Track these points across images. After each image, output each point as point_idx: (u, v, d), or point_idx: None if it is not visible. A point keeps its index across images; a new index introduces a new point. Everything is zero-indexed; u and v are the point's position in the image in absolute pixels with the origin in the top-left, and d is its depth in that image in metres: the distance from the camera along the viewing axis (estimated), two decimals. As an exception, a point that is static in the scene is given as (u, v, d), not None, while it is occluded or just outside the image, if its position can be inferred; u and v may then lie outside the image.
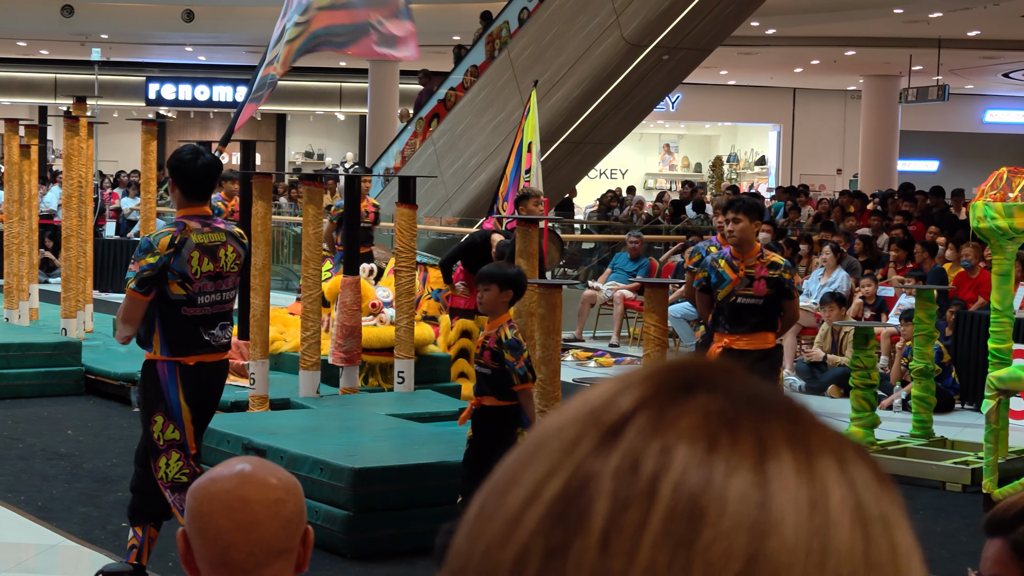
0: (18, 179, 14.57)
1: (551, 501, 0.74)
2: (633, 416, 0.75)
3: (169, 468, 6.69)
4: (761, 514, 0.72)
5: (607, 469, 0.73)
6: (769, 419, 0.76)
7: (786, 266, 8.77)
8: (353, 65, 33.82)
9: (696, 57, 20.76)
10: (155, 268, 6.54)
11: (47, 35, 30.00)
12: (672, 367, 0.78)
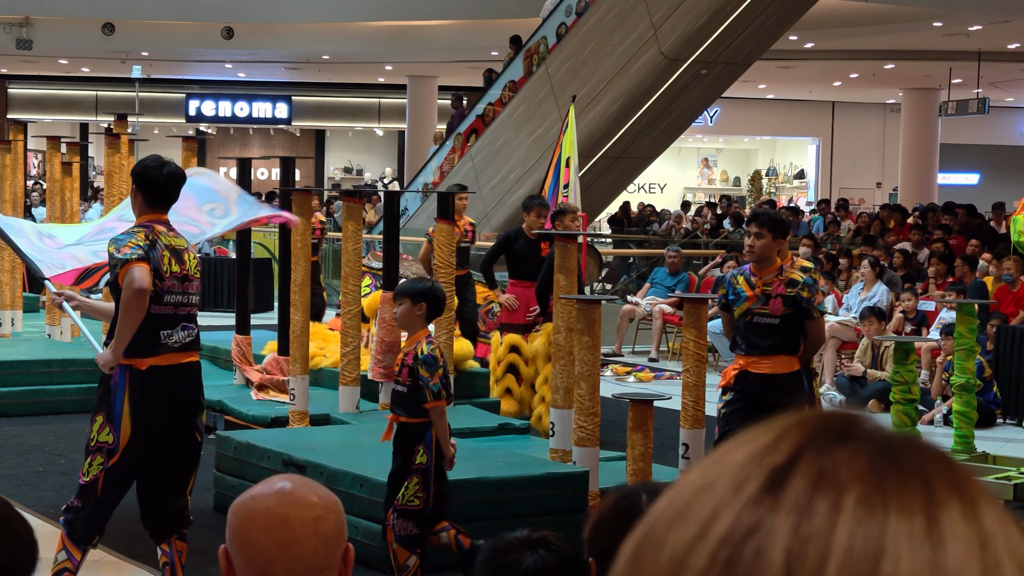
0: (60, 196, 14.67)
1: (719, 541, 0.76)
2: (797, 460, 0.77)
3: (91, 469, 6.61)
4: (936, 565, 0.74)
5: (779, 520, 0.75)
6: (927, 464, 0.78)
7: (805, 283, 8.18)
8: (392, 81, 33.94)
9: (734, 71, 20.74)
10: (143, 248, 6.52)
11: (88, 53, 30.22)
12: (823, 415, 0.82)
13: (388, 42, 28.73)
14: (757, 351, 8.16)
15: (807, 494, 0.75)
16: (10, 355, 12.67)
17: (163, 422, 6.62)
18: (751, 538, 0.74)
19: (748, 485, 0.77)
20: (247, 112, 36.73)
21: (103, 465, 6.60)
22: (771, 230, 8.12)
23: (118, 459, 6.59)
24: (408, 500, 6.96)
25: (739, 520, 0.75)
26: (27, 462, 10.41)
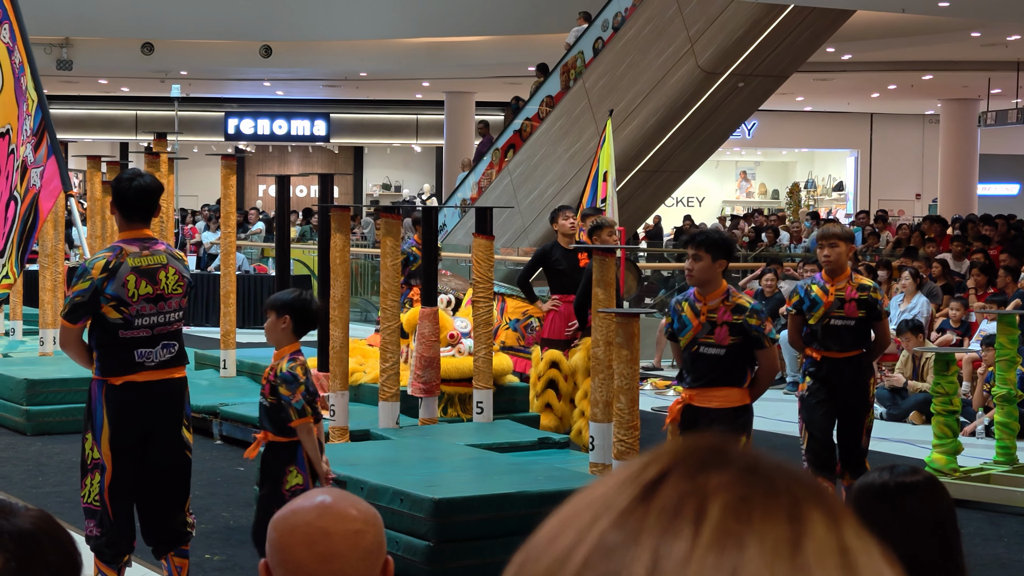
0: (100, 215, 14.76)
1: (601, 535, 0.81)
2: (668, 474, 0.82)
3: (92, 489, 6.63)
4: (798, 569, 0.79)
5: (651, 516, 0.80)
6: (793, 480, 0.84)
7: (753, 310, 7.57)
8: (429, 97, 34.03)
9: (772, 84, 20.72)
10: (86, 294, 6.52)
11: (128, 72, 30.43)
12: (694, 441, 0.86)
13: (425, 59, 28.81)
14: (700, 383, 7.57)
15: (676, 500, 0.80)
16: (53, 373, 12.75)
17: (142, 437, 6.56)
18: (619, 549, 0.80)
19: (625, 493, 0.82)
20: (285, 130, 36.89)
21: (101, 484, 6.61)
22: (709, 251, 7.48)
23: (112, 475, 6.61)
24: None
25: (609, 531, 0.80)
26: (70, 479, 10.46)
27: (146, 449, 6.60)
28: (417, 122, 37.20)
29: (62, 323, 6.60)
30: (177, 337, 6.73)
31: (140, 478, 6.66)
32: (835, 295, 8.69)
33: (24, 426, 12.37)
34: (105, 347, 6.59)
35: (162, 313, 6.64)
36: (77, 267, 6.75)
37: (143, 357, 6.59)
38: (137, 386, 6.55)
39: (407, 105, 36.45)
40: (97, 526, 6.62)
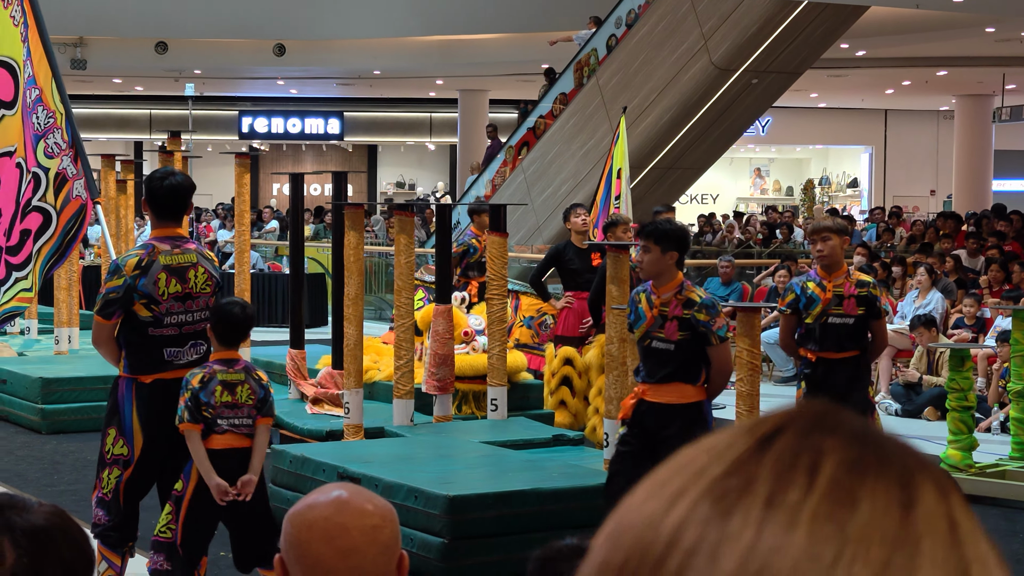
0: (115, 214, 14.79)
1: (712, 480, 0.81)
2: (782, 431, 0.83)
3: (108, 482, 6.64)
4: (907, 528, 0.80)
5: (766, 464, 0.81)
6: (904, 448, 0.85)
7: (703, 305, 7.25)
8: (443, 95, 34.04)
9: (786, 80, 20.69)
10: (120, 290, 6.56)
11: (142, 72, 30.47)
12: (806, 404, 0.87)
13: (439, 56, 28.82)
14: (653, 378, 7.30)
15: (791, 453, 0.81)
16: (68, 372, 12.78)
17: (172, 432, 6.54)
18: (732, 493, 0.80)
19: (734, 449, 0.83)
20: (299, 128, 36.92)
21: (119, 477, 6.63)
22: (659, 243, 7.22)
23: (133, 469, 6.63)
24: (159, 530, 6.54)
25: (722, 477, 0.81)
26: (85, 478, 10.48)
27: (175, 442, 6.56)
28: (431, 120, 37.20)
29: (95, 319, 6.63)
30: (204, 336, 6.74)
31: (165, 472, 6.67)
32: (833, 291, 8.50)
33: (39, 424, 12.40)
34: (134, 345, 6.62)
35: (190, 312, 6.67)
36: (92, 266, 6.75)
37: (172, 356, 6.63)
38: (168, 383, 6.57)
39: (421, 103, 36.46)
40: (106, 515, 6.65)
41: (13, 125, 8.14)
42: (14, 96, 8.20)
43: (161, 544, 6.50)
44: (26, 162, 8.06)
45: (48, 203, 8.05)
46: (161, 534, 6.50)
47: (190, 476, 6.41)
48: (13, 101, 8.20)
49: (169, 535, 6.47)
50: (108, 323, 6.60)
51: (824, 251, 8.49)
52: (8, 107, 8.19)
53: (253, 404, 6.44)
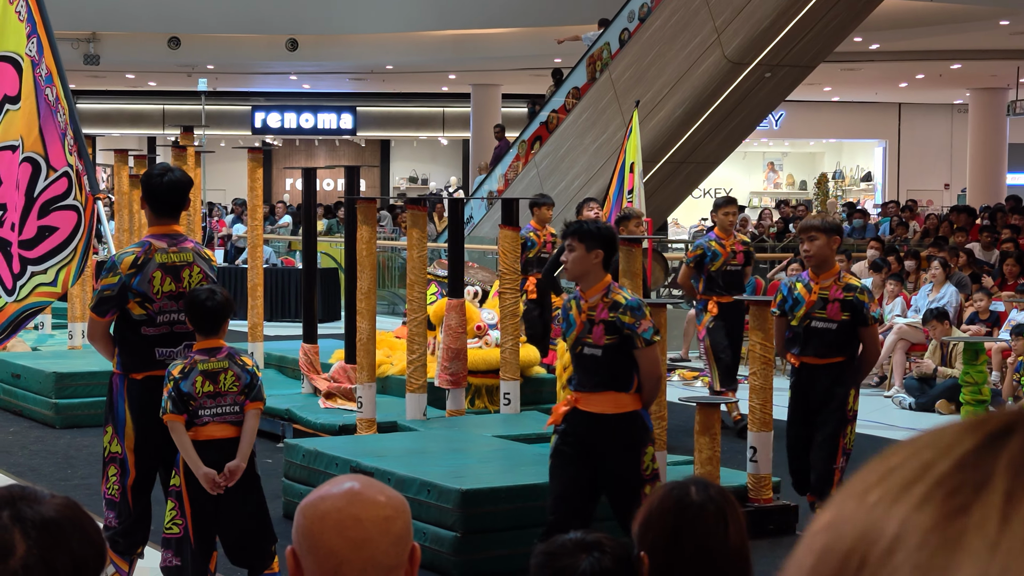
0: (128, 209, 14.80)
1: (941, 476, 0.78)
2: (1015, 429, 0.80)
3: (111, 481, 6.65)
4: None
5: (1001, 461, 0.78)
6: None
7: (628, 306, 6.76)
8: (455, 90, 34.03)
9: (799, 74, 20.65)
10: (114, 288, 6.55)
11: (155, 67, 30.49)
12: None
13: (451, 51, 28.81)
14: (585, 387, 6.84)
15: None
16: (82, 366, 12.80)
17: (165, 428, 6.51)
18: (976, 471, 0.77)
19: (962, 444, 0.79)
20: (312, 123, 36.93)
21: (118, 477, 6.62)
22: (582, 241, 6.75)
23: (134, 470, 6.62)
24: (166, 526, 6.50)
25: (950, 472, 0.78)
26: (99, 472, 10.48)
27: (166, 446, 6.55)
28: (443, 115, 37.19)
29: (90, 316, 6.63)
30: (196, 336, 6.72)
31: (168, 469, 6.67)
32: (818, 294, 8.05)
33: (53, 419, 12.42)
34: (127, 343, 6.61)
35: (182, 311, 6.62)
36: (106, 261, 6.75)
37: (163, 355, 6.61)
38: (159, 381, 6.53)
39: (433, 98, 36.45)
40: (116, 517, 6.64)
41: (17, 120, 8.15)
42: (18, 91, 8.20)
43: (169, 540, 6.48)
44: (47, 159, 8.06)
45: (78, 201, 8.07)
46: (168, 530, 6.48)
47: (181, 469, 6.39)
48: (17, 96, 8.20)
49: (176, 530, 6.44)
50: (102, 321, 6.61)
51: (810, 251, 8.06)
52: (12, 102, 8.20)
53: (239, 390, 6.38)
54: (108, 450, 6.66)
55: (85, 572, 2.00)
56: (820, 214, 7.03)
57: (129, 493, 6.61)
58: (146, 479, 6.68)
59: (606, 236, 6.82)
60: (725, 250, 12.11)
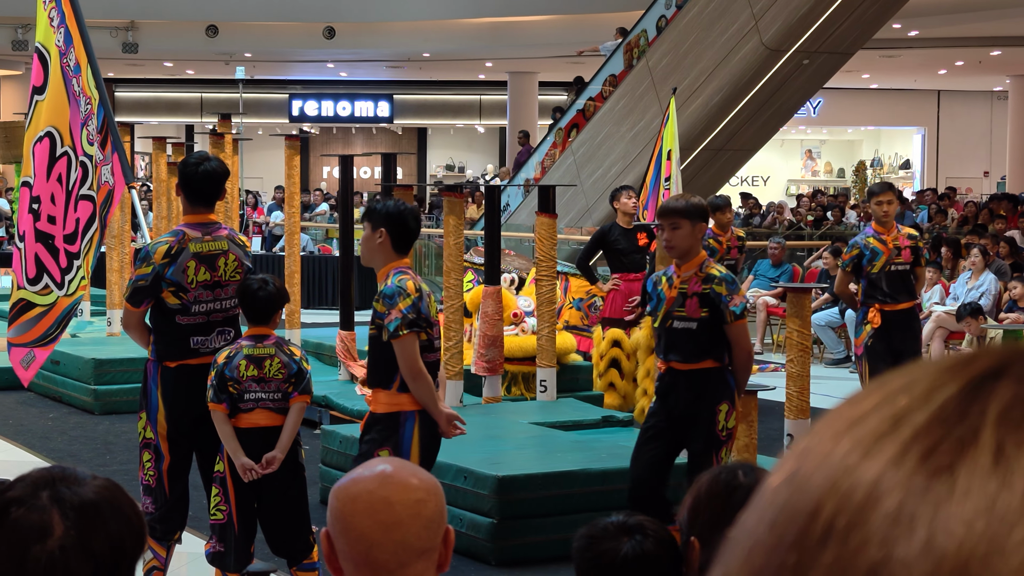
0: (166, 197, 14.86)
1: (916, 431, 0.67)
2: (1002, 373, 0.68)
3: (147, 467, 6.67)
4: None
5: (989, 413, 0.66)
6: None
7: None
8: (492, 78, 34.01)
9: (837, 61, 20.55)
10: (148, 278, 6.55)
11: (193, 55, 30.59)
12: None
13: (488, 38, 28.80)
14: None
15: (1019, 401, 0.66)
16: (119, 353, 12.86)
17: (196, 420, 6.56)
18: (944, 445, 0.66)
19: (940, 392, 0.68)
20: (349, 111, 36.98)
21: (152, 463, 6.65)
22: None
23: (169, 455, 6.64)
24: (211, 512, 6.57)
25: (927, 426, 0.67)
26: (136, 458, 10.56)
27: (199, 433, 6.60)
28: (480, 102, 37.19)
29: (125, 305, 6.66)
30: (233, 324, 6.74)
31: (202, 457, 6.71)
32: (679, 288, 7.10)
33: (92, 405, 12.49)
34: (161, 332, 6.63)
35: (219, 300, 6.65)
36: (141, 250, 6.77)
37: (198, 344, 6.62)
38: (192, 369, 6.57)
39: (470, 85, 36.45)
40: (152, 503, 6.67)
41: (43, 110, 8.19)
42: (43, 81, 8.24)
43: (214, 526, 6.52)
44: (75, 151, 8.11)
45: (93, 191, 8.10)
46: (213, 516, 6.51)
47: (224, 455, 6.42)
48: (43, 87, 8.24)
49: (220, 516, 6.47)
50: (137, 310, 6.62)
51: (671, 240, 7.09)
52: (39, 92, 8.24)
53: (283, 378, 6.39)
54: (142, 436, 6.69)
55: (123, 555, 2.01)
56: (683, 196, 6.04)
57: (165, 478, 6.64)
58: (181, 464, 6.71)
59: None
60: (887, 247, 10.28)
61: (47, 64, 8.24)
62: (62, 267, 8.00)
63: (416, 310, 6.07)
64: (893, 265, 10.17)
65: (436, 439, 6.38)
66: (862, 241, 10.34)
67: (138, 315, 6.63)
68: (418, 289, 6.09)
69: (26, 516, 1.98)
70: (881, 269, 10.17)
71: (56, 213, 8.02)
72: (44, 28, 8.33)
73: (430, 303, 6.21)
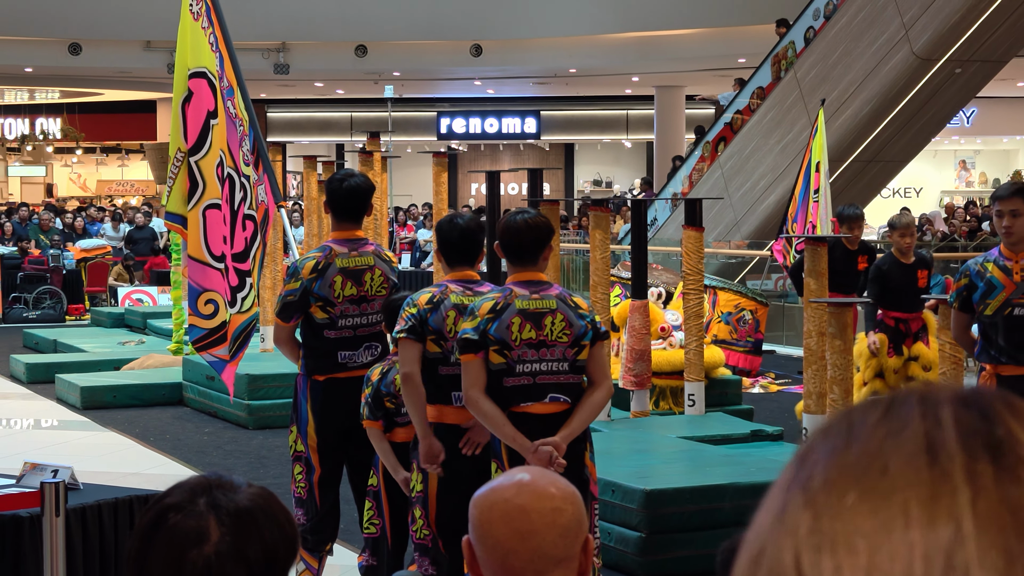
0: (317, 213, 15.07)
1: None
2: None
3: (299, 479, 6.73)
4: None
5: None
6: None
7: None
8: (639, 92, 33.98)
9: (990, 69, 20.21)
10: (297, 294, 6.62)
11: (342, 75, 31.00)
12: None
13: (634, 53, 28.78)
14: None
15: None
16: (274, 368, 13.05)
17: (345, 433, 6.61)
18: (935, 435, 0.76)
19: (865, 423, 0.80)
20: (496, 128, 37.18)
21: (304, 475, 6.73)
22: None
23: (319, 467, 6.70)
24: (365, 526, 6.59)
25: None
26: (289, 470, 10.71)
27: (349, 445, 6.67)
28: (627, 117, 37.16)
29: (276, 321, 6.77)
30: (380, 339, 6.79)
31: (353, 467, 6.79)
32: (1022, 276, 6.92)
33: (246, 420, 12.70)
34: (310, 347, 6.72)
35: (365, 315, 6.71)
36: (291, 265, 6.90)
37: (346, 359, 6.69)
38: (340, 382, 6.65)
39: (617, 100, 36.44)
40: (304, 515, 6.76)
41: (217, 134, 8.37)
42: (215, 106, 8.42)
43: (367, 540, 6.56)
44: (236, 172, 8.28)
45: (254, 210, 8.27)
46: (366, 530, 6.55)
47: (379, 470, 6.45)
48: (215, 111, 8.42)
49: (373, 530, 6.51)
50: (287, 325, 6.72)
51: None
52: (213, 116, 8.42)
53: None
54: (294, 449, 6.79)
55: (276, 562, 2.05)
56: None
57: (316, 489, 6.72)
58: (332, 475, 6.79)
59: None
60: (1011, 279, 7.11)
61: (215, 88, 8.43)
62: (232, 285, 8.17)
63: (420, 319, 5.93)
64: (1016, 307, 7.10)
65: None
66: (975, 267, 7.25)
67: (288, 330, 6.74)
68: (431, 301, 5.95)
69: (183, 522, 2.02)
70: (997, 311, 7.10)
71: (227, 233, 8.20)
72: (206, 53, 8.51)
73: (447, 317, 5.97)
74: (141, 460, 11.34)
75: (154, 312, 19.07)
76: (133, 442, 12.08)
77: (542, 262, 5.75)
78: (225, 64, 8.47)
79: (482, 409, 5.58)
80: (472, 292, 6.00)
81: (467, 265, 6.10)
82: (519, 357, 5.62)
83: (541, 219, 5.76)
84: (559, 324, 5.71)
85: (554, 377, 5.68)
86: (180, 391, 13.92)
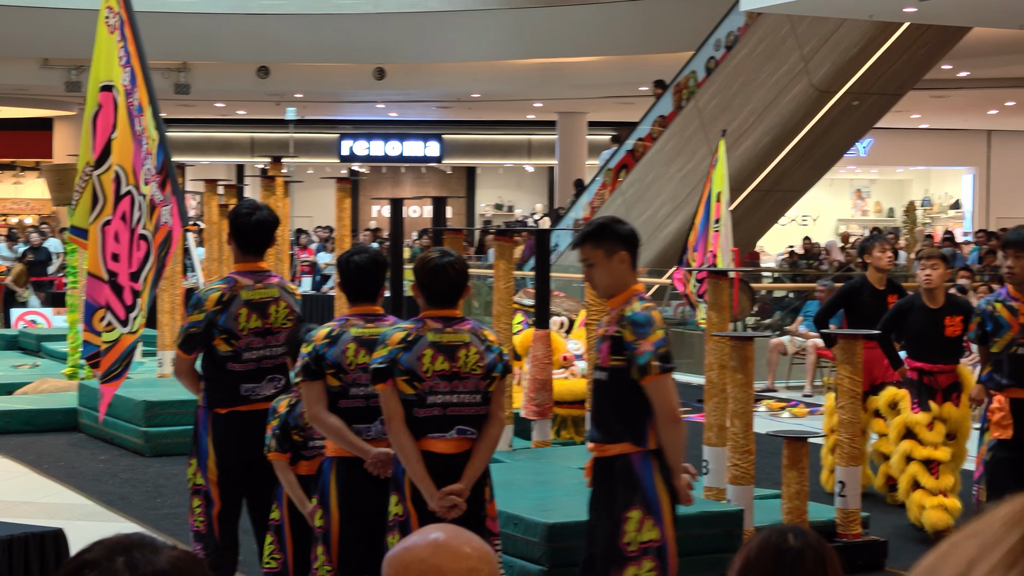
0: (217, 238, 14.94)
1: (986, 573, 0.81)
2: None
3: (197, 513, 6.68)
4: None
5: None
6: None
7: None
8: (541, 118, 34.11)
9: (887, 102, 20.52)
10: (201, 325, 6.59)
11: (244, 96, 30.82)
12: None
13: (537, 79, 28.88)
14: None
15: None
16: (171, 395, 12.90)
17: (246, 466, 6.55)
18: None
19: (1010, 536, 0.83)
20: (399, 151, 37.16)
21: (203, 509, 6.66)
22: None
23: (219, 501, 6.65)
24: (265, 561, 6.47)
25: (998, 567, 0.81)
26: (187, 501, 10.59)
27: (250, 479, 6.61)
28: (529, 143, 37.29)
29: (176, 352, 6.70)
30: (284, 371, 6.75)
31: (252, 501, 6.72)
32: None
33: (143, 447, 12.54)
34: (212, 379, 6.66)
35: (270, 347, 6.68)
36: (194, 289, 6.84)
37: (249, 391, 6.65)
38: (243, 415, 6.60)
39: (519, 126, 36.57)
40: (203, 549, 6.68)
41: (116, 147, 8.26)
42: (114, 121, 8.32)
43: (267, 575, 6.47)
44: (137, 190, 8.18)
45: (148, 231, 8.16)
46: (266, 565, 6.48)
47: (283, 503, 6.38)
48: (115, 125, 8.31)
49: (274, 565, 6.43)
50: (188, 357, 6.68)
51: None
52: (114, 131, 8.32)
53: None
54: (193, 482, 6.72)
55: None
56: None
57: (216, 523, 6.66)
58: (232, 510, 6.72)
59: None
60: (1017, 319, 7.85)
61: (116, 104, 8.32)
62: (127, 304, 8.06)
63: (315, 356, 5.89)
64: (1020, 347, 7.83)
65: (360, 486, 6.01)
66: (986, 307, 7.96)
67: (189, 362, 6.67)
68: (329, 335, 5.92)
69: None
70: (1004, 349, 7.85)
71: (121, 251, 8.09)
72: (116, 67, 8.39)
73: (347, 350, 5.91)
74: (34, 488, 11.14)
75: (48, 334, 18.73)
76: (27, 469, 11.87)
77: (460, 301, 5.75)
78: (138, 81, 8.36)
79: (400, 441, 5.56)
80: (375, 325, 5.98)
81: (368, 301, 6.08)
82: (431, 388, 5.58)
83: (463, 265, 5.72)
84: (473, 356, 5.67)
85: (465, 409, 5.65)
86: (75, 416, 13.70)
